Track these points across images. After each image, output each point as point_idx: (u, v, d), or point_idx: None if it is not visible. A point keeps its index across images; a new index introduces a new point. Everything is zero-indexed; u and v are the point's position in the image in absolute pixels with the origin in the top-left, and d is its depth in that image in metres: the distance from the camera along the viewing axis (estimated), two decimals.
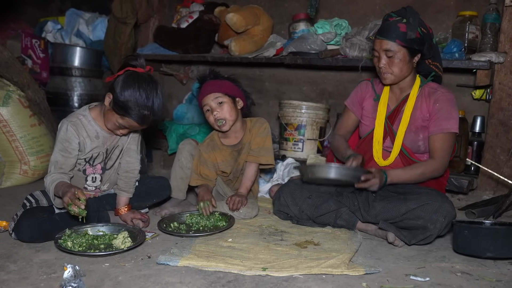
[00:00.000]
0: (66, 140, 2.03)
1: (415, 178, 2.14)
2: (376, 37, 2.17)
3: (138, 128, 2.08)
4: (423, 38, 2.12)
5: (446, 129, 2.13)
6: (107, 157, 2.18)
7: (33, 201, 2.12)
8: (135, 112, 1.94)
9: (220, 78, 2.40)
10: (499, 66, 2.61)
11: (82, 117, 2.09)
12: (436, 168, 2.14)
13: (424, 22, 2.15)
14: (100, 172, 2.18)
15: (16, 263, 1.71)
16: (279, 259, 1.77)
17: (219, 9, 3.46)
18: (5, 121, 2.87)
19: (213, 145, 2.47)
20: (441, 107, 2.15)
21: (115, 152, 2.19)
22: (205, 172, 2.45)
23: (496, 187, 2.69)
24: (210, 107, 2.33)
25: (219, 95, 2.32)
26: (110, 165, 2.20)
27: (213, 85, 2.34)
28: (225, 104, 2.32)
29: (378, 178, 2.05)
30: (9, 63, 2.99)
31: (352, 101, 2.42)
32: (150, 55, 3.62)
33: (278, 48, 3.14)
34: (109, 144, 2.15)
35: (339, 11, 3.34)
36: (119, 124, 2.01)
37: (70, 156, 2.05)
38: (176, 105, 3.57)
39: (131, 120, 1.97)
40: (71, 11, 4.16)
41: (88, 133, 2.08)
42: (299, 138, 3.10)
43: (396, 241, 1.98)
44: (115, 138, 2.17)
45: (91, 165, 2.15)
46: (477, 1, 2.90)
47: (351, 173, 2.08)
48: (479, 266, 1.78)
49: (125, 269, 1.68)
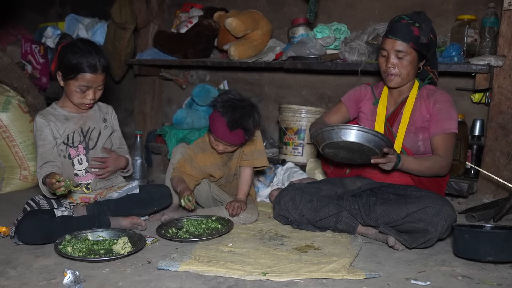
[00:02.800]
0: (38, 130, 2.16)
1: (422, 169, 2.14)
2: (388, 37, 2.17)
3: (98, 81, 2.14)
4: (430, 44, 2.17)
5: (447, 129, 2.16)
6: (86, 136, 2.24)
7: (34, 205, 2.14)
8: (83, 65, 2.09)
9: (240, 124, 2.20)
10: (498, 69, 2.61)
11: (49, 109, 2.26)
12: (443, 165, 2.16)
13: (434, 30, 2.20)
14: (83, 152, 2.23)
15: (16, 269, 1.71)
16: (279, 264, 1.77)
17: (218, 14, 3.47)
18: (5, 127, 2.87)
19: (204, 147, 2.43)
20: (441, 108, 2.18)
21: (93, 133, 2.26)
22: (187, 170, 2.39)
23: (496, 191, 2.69)
24: (220, 146, 2.30)
25: (231, 146, 2.31)
26: (92, 145, 2.25)
27: (231, 138, 2.24)
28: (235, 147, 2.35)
29: (394, 156, 2.04)
30: (9, 68, 3.00)
31: (348, 97, 2.44)
32: (150, 60, 3.62)
33: (277, 53, 3.14)
34: (82, 123, 2.24)
35: (338, 16, 3.34)
36: (80, 88, 2.13)
37: (46, 143, 2.15)
38: (176, 110, 3.57)
39: (85, 74, 2.10)
40: (70, 17, 4.17)
41: (57, 118, 2.20)
42: (299, 143, 3.11)
43: (396, 245, 1.98)
44: (87, 117, 2.25)
45: (73, 147, 2.20)
46: (475, 5, 2.91)
47: (377, 139, 2.01)
48: (480, 270, 1.77)
49: (125, 274, 1.67)
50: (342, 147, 2.10)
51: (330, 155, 2.21)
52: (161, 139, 3.60)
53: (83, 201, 2.23)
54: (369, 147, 2.02)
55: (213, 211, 2.39)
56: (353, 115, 2.44)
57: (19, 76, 3.04)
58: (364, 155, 2.10)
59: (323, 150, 2.18)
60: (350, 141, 2.03)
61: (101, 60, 2.14)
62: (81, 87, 2.13)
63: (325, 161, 2.57)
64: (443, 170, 2.18)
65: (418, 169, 2.14)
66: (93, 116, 2.28)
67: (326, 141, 2.10)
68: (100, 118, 2.31)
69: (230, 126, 2.18)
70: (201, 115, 3.40)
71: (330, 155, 2.21)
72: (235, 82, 3.76)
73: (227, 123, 2.18)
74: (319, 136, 2.13)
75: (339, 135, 2.04)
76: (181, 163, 2.41)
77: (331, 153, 2.19)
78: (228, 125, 2.18)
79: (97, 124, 2.28)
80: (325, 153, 2.20)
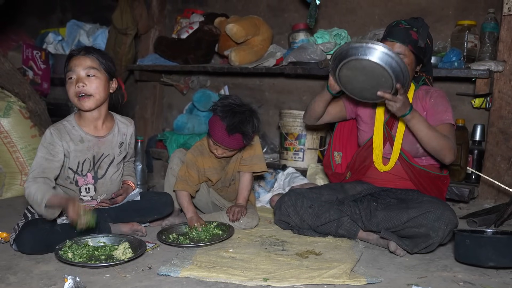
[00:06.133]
0: (50, 144, 2.02)
1: (431, 136, 2.07)
2: (386, 39, 2.18)
3: (83, 65, 2.02)
4: (427, 50, 2.19)
5: (445, 120, 2.17)
6: (95, 165, 2.13)
7: (34, 211, 2.12)
8: (70, 53, 2.07)
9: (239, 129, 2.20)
10: (498, 74, 2.62)
11: (66, 123, 2.10)
12: (450, 147, 2.09)
13: (431, 36, 2.22)
14: (92, 182, 2.14)
15: (16, 275, 1.71)
16: (280, 269, 1.77)
17: (219, 20, 3.48)
18: (6, 132, 2.88)
19: (202, 150, 2.43)
20: (436, 102, 2.21)
21: (105, 160, 2.14)
22: (192, 174, 2.38)
23: (497, 196, 2.69)
24: (218, 150, 2.30)
25: (229, 151, 2.31)
26: (102, 174, 2.15)
27: (230, 142, 2.24)
28: (233, 152, 2.34)
29: (405, 99, 2.00)
30: (10, 74, 3.00)
31: (348, 97, 2.43)
32: (151, 66, 3.63)
33: (278, 58, 3.15)
34: (96, 151, 2.11)
35: (338, 21, 3.35)
36: (69, 75, 2.03)
37: (54, 160, 2.01)
38: (177, 115, 3.57)
39: (70, 60, 2.04)
40: (72, 23, 4.19)
41: (72, 137, 2.06)
42: (300, 148, 3.11)
43: (397, 250, 1.98)
44: (103, 143, 2.14)
45: (81, 175, 2.11)
46: (475, 10, 2.92)
47: (398, 69, 1.93)
48: (482, 275, 1.77)
49: (126, 280, 1.67)
50: (361, 69, 2.01)
51: (343, 80, 2.11)
52: (162, 144, 3.60)
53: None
54: (388, 74, 1.95)
55: (214, 217, 2.38)
56: (350, 115, 2.45)
57: (20, 82, 3.05)
58: (376, 88, 2.02)
59: (340, 71, 2.08)
60: (374, 61, 1.95)
61: (90, 48, 2.07)
62: (69, 73, 2.02)
63: (326, 162, 2.58)
64: (449, 152, 2.09)
65: (426, 132, 2.06)
66: (109, 142, 2.15)
67: (349, 57, 2.00)
68: (117, 143, 2.18)
69: (229, 130, 2.19)
70: (201, 120, 3.40)
71: (344, 80, 2.11)
72: (235, 87, 3.77)
73: (226, 127, 2.19)
74: (343, 53, 2.03)
75: (366, 52, 1.96)
76: (184, 171, 2.38)
77: (346, 77, 2.09)
78: (227, 129, 2.19)
79: (112, 151, 2.16)
80: (341, 76, 2.10)
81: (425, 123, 2.08)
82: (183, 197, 2.34)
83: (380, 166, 2.28)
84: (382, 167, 2.28)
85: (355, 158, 2.38)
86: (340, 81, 2.13)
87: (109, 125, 2.18)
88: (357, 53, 1.98)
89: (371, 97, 2.09)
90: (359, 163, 2.37)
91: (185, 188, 2.34)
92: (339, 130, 2.56)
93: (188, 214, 2.30)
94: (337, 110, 2.43)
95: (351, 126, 2.52)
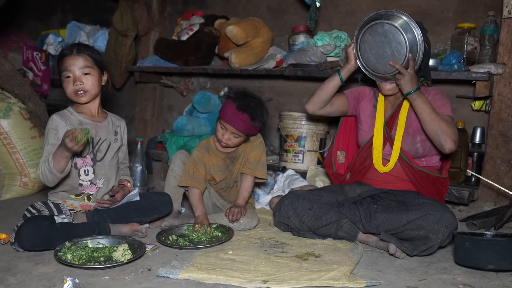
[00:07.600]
0: (53, 129, 2.14)
1: (434, 117, 2.08)
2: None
3: (77, 64, 2.13)
4: (425, 53, 2.19)
5: (444, 112, 2.18)
6: (95, 148, 2.21)
7: (34, 212, 2.13)
8: (61, 52, 2.17)
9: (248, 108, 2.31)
10: (498, 77, 2.62)
11: (66, 111, 2.25)
12: (452, 133, 2.09)
13: (429, 40, 2.27)
14: (90, 163, 2.20)
15: (15, 276, 1.70)
16: (280, 272, 1.77)
17: (219, 22, 3.49)
18: (6, 133, 2.88)
19: (208, 147, 2.49)
20: (435, 98, 2.23)
21: (103, 144, 2.24)
22: (200, 171, 2.43)
23: (497, 198, 2.68)
24: (225, 134, 2.36)
25: (236, 132, 2.35)
26: (100, 157, 2.23)
27: (237, 122, 2.31)
28: (238, 139, 2.40)
29: (414, 75, 2.10)
30: (10, 75, 3.01)
31: (352, 92, 2.48)
32: (151, 67, 3.63)
33: (278, 60, 3.15)
34: (94, 133, 2.21)
35: (338, 23, 3.36)
36: (65, 74, 2.14)
37: (59, 144, 2.08)
38: (177, 117, 3.57)
39: (63, 59, 2.14)
40: (72, 24, 4.19)
41: (71, 121, 2.19)
42: (299, 150, 3.11)
43: (397, 252, 1.98)
44: (100, 127, 2.24)
45: (80, 157, 2.18)
46: (475, 13, 2.92)
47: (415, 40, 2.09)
48: (481, 278, 1.77)
49: (125, 282, 1.67)
50: (382, 34, 2.15)
51: (362, 47, 2.24)
52: (162, 146, 3.60)
53: (83, 208, 2.22)
54: (404, 42, 2.10)
55: (213, 218, 2.38)
56: (351, 110, 2.47)
57: (20, 83, 3.05)
58: (391, 58, 2.15)
59: (363, 36, 2.22)
60: (396, 25, 2.11)
61: (81, 47, 2.17)
62: (66, 73, 2.14)
63: (328, 162, 2.59)
64: (450, 138, 2.08)
65: (429, 112, 2.09)
66: (105, 127, 2.27)
67: (375, 20, 2.17)
68: (112, 130, 2.30)
69: (239, 107, 2.29)
70: (201, 122, 3.40)
71: (362, 48, 2.24)
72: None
73: (236, 105, 2.30)
74: (369, 18, 2.19)
75: (390, 18, 2.14)
76: (193, 168, 2.42)
77: (367, 43, 2.22)
78: (237, 107, 2.29)
79: (108, 136, 2.27)
80: (361, 43, 2.24)
81: (429, 104, 2.11)
82: (194, 194, 2.40)
83: (380, 167, 2.29)
84: (382, 168, 2.29)
85: (355, 159, 2.39)
86: (360, 49, 2.26)
87: (104, 115, 2.33)
88: (382, 17, 2.16)
89: (383, 69, 2.19)
90: (359, 164, 2.38)
91: (195, 185, 2.40)
92: (343, 128, 2.58)
93: (196, 212, 2.36)
94: (340, 102, 2.46)
95: (355, 125, 2.53)
